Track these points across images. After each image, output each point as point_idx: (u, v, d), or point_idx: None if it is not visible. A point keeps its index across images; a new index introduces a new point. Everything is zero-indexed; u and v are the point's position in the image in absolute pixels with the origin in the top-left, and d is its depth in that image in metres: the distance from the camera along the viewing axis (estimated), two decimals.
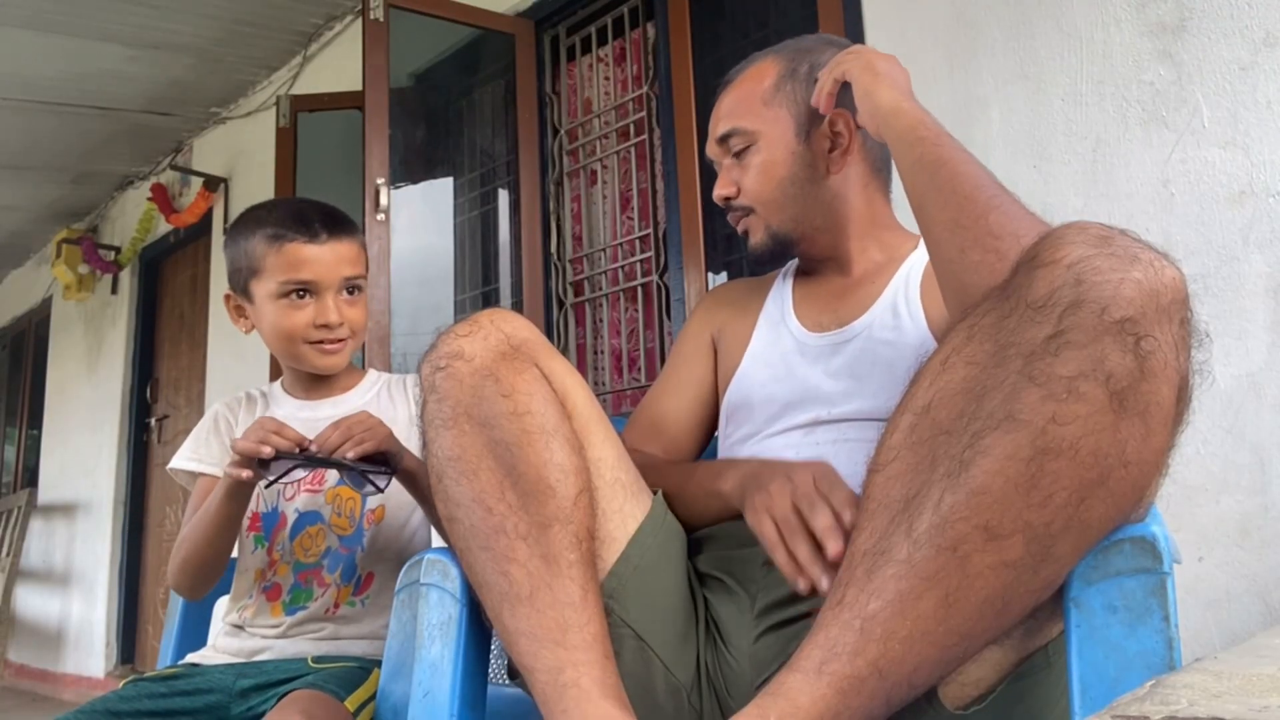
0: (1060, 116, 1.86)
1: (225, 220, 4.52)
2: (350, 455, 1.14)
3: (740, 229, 1.21)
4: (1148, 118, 1.75)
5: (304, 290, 1.29)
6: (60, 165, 5.08)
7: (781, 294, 1.24)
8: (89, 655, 5.14)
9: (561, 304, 3.06)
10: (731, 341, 1.24)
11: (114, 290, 5.44)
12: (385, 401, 1.40)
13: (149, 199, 4.92)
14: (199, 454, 1.36)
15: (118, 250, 5.40)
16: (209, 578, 1.31)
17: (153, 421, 5.11)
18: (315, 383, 1.40)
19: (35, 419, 6.42)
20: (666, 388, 1.28)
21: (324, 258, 1.29)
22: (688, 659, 0.99)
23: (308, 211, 1.32)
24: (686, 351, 1.28)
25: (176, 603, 1.50)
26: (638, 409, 1.30)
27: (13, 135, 4.62)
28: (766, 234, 1.18)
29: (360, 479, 1.19)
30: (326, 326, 1.30)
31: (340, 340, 1.33)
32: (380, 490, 1.21)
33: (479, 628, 0.99)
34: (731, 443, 1.17)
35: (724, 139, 1.19)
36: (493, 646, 1.04)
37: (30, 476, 6.31)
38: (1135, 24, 1.77)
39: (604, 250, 3.00)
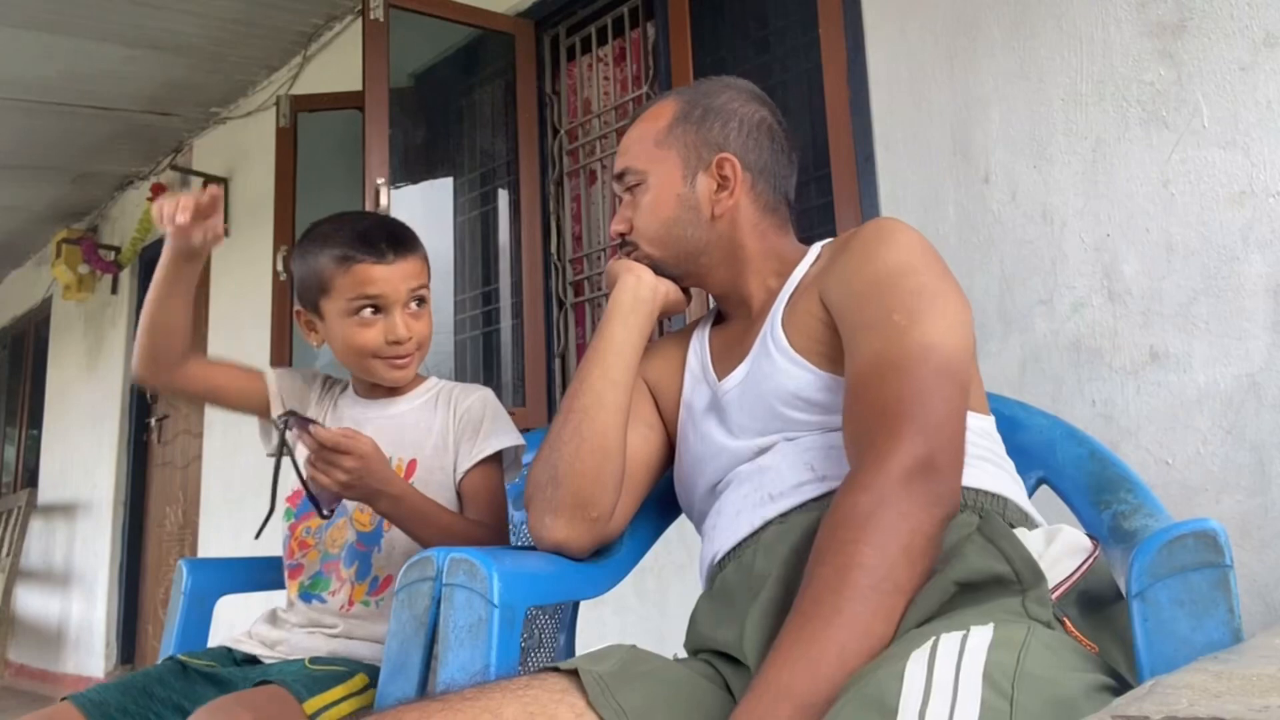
0: (1060, 116, 1.86)
1: (225, 220, 4.51)
2: (307, 475, 1.20)
3: None
4: (1148, 118, 1.75)
5: (373, 307, 1.34)
6: (60, 165, 5.08)
7: (701, 344, 1.25)
8: (89, 655, 5.14)
9: (561, 304, 3.06)
10: (667, 398, 1.25)
11: (114, 290, 5.44)
12: (429, 411, 1.43)
13: (149, 199, 4.91)
14: (281, 380, 1.43)
15: (118, 250, 5.40)
16: (157, 355, 1.34)
17: (153, 421, 5.11)
18: (377, 385, 1.44)
19: (35, 419, 6.42)
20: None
21: (391, 277, 1.34)
22: None
23: (373, 232, 1.37)
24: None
25: (176, 602, 1.51)
26: None
27: (13, 135, 4.62)
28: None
29: (310, 499, 1.23)
30: (397, 343, 1.35)
31: (409, 355, 1.38)
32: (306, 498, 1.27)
33: (511, 630, 1.00)
34: (695, 500, 1.19)
35: (619, 176, 1.22)
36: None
37: (30, 476, 6.31)
38: (1135, 24, 1.77)
39: (604, 250, 3.00)
